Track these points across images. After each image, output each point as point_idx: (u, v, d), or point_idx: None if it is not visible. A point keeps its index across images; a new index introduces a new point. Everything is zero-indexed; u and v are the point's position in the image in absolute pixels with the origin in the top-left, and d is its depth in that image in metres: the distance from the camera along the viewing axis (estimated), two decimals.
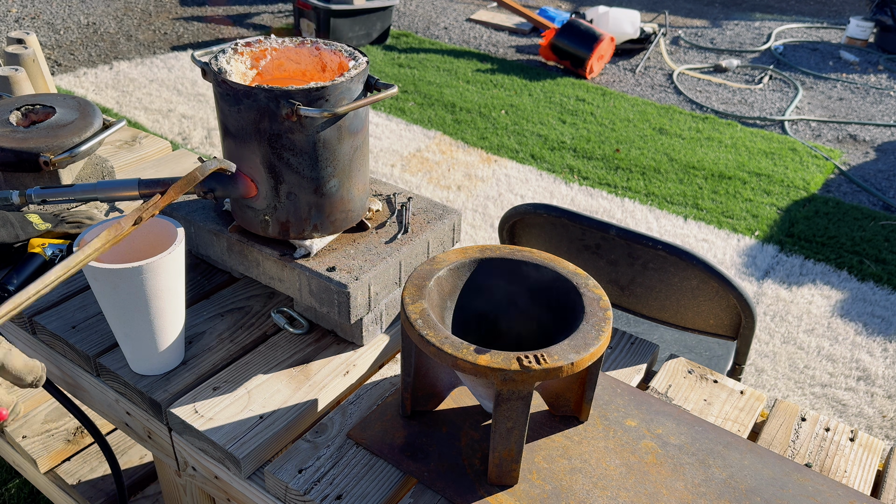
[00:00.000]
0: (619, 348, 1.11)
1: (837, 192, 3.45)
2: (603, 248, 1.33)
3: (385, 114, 4.04)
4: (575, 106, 4.21)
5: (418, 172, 3.45)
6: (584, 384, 0.90)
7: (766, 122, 4.16)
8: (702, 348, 1.58)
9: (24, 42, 1.62)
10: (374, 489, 0.84)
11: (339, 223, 1.01)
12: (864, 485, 0.91)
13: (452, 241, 1.14)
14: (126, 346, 0.93)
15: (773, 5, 6.39)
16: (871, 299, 2.68)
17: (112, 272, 0.83)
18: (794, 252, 2.93)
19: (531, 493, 0.83)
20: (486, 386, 0.82)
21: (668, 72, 4.78)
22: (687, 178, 3.49)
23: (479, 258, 0.90)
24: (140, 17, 5.26)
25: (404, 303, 0.82)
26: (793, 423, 1.00)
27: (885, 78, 4.81)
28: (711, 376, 1.07)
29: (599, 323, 0.80)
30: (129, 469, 1.51)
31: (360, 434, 0.90)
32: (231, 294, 1.13)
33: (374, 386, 0.99)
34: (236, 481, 0.92)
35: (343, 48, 1.00)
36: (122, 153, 1.51)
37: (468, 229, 3.02)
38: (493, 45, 5.17)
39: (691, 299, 1.32)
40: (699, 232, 3.06)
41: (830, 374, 2.34)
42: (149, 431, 1.01)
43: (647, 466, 0.87)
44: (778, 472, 0.88)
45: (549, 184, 3.40)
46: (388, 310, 1.07)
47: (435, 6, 5.95)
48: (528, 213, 1.37)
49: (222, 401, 0.93)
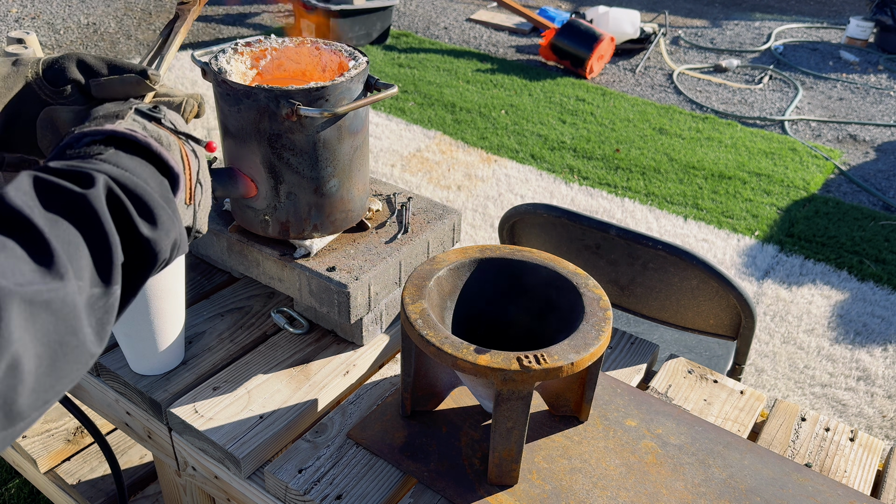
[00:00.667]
0: (619, 348, 1.11)
1: (837, 192, 3.45)
2: (603, 248, 1.33)
3: (385, 114, 4.04)
4: (575, 106, 4.22)
5: (418, 172, 3.45)
6: (584, 384, 0.90)
7: (766, 122, 4.16)
8: (702, 348, 1.58)
9: (24, 42, 1.62)
10: (374, 489, 0.84)
11: (339, 223, 1.01)
12: (864, 485, 0.91)
13: (452, 241, 1.14)
14: (126, 346, 0.93)
15: (773, 5, 6.39)
16: (871, 299, 2.68)
17: None
18: (794, 252, 2.93)
19: (531, 493, 0.83)
20: (486, 386, 0.82)
21: (668, 72, 4.78)
22: (687, 178, 3.49)
23: (479, 258, 0.90)
24: (140, 16, 5.26)
25: (404, 303, 0.82)
26: (793, 423, 1.00)
27: (885, 78, 4.81)
28: (711, 376, 1.07)
29: (599, 323, 0.80)
30: (129, 469, 1.51)
31: (360, 434, 0.90)
32: (231, 294, 1.13)
33: (374, 386, 0.99)
34: (236, 481, 0.92)
35: (343, 48, 1.00)
36: None
37: (468, 229, 3.02)
38: (493, 45, 5.18)
39: (691, 299, 1.32)
40: (699, 232, 3.06)
41: (830, 374, 2.34)
42: (149, 431, 1.01)
43: (647, 466, 0.87)
44: (778, 472, 0.88)
45: (549, 184, 3.40)
46: (388, 310, 1.07)
47: (435, 6, 5.95)
48: (528, 213, 1.37)
49: (222, 401, 0.93)
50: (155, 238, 0.54)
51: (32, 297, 0.45)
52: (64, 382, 0.48)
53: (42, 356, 0.46)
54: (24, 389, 0.45)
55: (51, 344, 0.46)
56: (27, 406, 0.46)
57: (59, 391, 0.48)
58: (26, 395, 0.45)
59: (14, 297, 0.43)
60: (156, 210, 0.54)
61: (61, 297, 0.46)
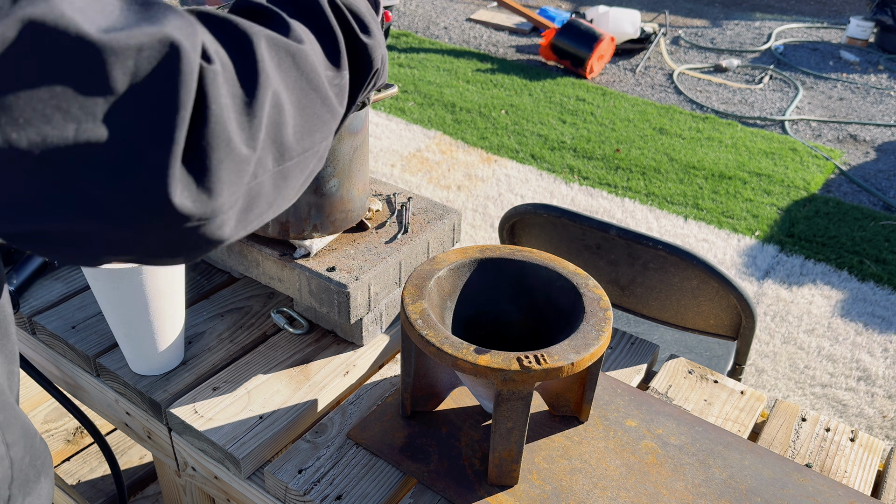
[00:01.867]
0: (619, 348, 1.10)
1: (838, 192, 3.44)
2: (603, 248, 1.33)
3: (385, 114, 4.04)
4: (575, 106, 4.21)
5: (418, 172, 3.45)
6: (584, 384, 0.90)
7: (767, 122, 4.16)
8: (702, 348, 1.58)
9: None
10: (374, 489, 0.84)
11: (339, 223, 1.01)
12: (865, 485, 0.91)
13: (452, 241, 1.14)
14: (126, 346, 0.93)
15: (774, 5, 6.39)
16: (871, 299, 2.68)
17: (112, 272, 0.83)
18: (795, 252, 2.93)
19: (531, 493, 0.83)
20: (486, 386, 0.82)
21: (668, 72, 4.78)
22: (687, 178, 3.49)
23: (479, 258, 0.89)
24: None
25: (404, 303, 0.82)
26: (793, 423, 1.00)
27: (885, 78, 4.81)
28: (712, 376, 1.07)
29: (599, 323, 0.80)
30: (129, 469, 1.51)
31: (360, 434, 0.90)
32: (231, 294, 1.13)
33: (374, 386, 0.99)
34: (236, 481, 0.92)
35: None
36: None
37: (468, 229, 3.02)
38: (493, 45, 5.18)
39: (692, 299, 1.31)
40: (699, 232, 3.06)
41: (831, 375, 2.34)
42: (148, 431, 1.01)
43: (648, 467, 0.87)
44: (778, 472, 0.88)
45: (549, 184, 3.40)
46: (388, 310, 1.07)
47: (435, 6, 5.95)
48: (528, 213, 1.37)
49: (222, 401, 0.93)
50: (371, 45, 0.61)
51: (276, 41, 0.50)
52: (316, 136, 0.54)
53: (293, 102, 0.51)
54: (287, 127, 0.50)
55: (299, 91, 0.52)
56: (293, 144, 0.51)
57: (312, 144, 0.54)
58: (290, 133, 0.51)
59: (260, 36, 0.48)
60: (368, 22, 0.61)
61: (303, 53, 0.52)
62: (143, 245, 0.45)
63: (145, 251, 0.46)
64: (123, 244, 0.45)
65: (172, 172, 0.41)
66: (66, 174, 0.39)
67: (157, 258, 0.48)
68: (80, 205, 0.40)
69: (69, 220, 0.41)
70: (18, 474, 0.55)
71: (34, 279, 1.12)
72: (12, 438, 0.54)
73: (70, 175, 0.39)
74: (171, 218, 0.42)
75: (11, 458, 0.54)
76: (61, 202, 0.40)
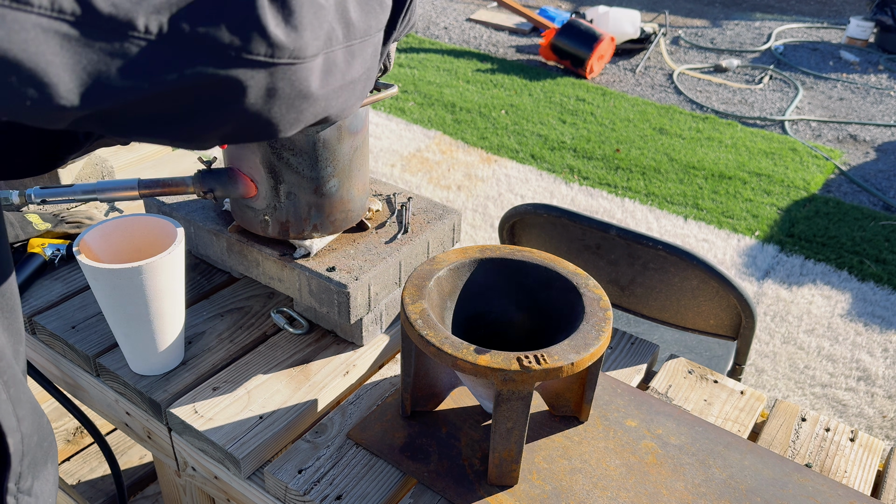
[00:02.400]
0: (619, 348, 1.10)
1: (838, 192, 3.45)
2: (603, 248, 1.33)
3: (385, 114, 4.04)
4: (575, 106, 4.21)
5: (418, 172, 3.45)
6: (584, 384, 0.90)
7: (767, 122, 4.16)
8: (702, 348, 1.58)
9: None
10: (374, 489, 0.84)
11: (338, 223, 1.01)
12: (865, 485, 0.91)
13: (452, 241, 1.14)
14: (126, 346, 0.93)
15: (773, 5, 6.39)
16: (871, 299, 2.68)
17: (112, 272, 0.83)
18: (795, 252, 2.93)
19: (531, 493, 0.83)
20: (486, 386, 0.82)
21: (668, 72, 4.78)
22: (687, 178, 3.49)
23: (479, 258, 0.89)
24: None
25: (404, 303, 0.82)
26: (793, 423, 1.00)
27: (885, 78, 4.81)
28: (711, 376, 1.07)
29: (599, 323, 0.80)
30: (129, 469, 1.51)
31: (360, 434, 0.90)
32: (231, 294, 1.13)
33: (374, 386, 0.99)
34: (236, 481, 0.92)
35: None
36: (122, 153, 1.51)
37: (468, 229, 3.02)
38: (493, 45, 5.18)
39: (691, 299, 1.31)
40: (699, 232, 3.06)
41: (831, 375, 2.34)
42: (148, 432, 1.01)
43: (648, 467, 0.87)
44: (778, 472, 0.88)
45: (549, 184, 3.40)
46: (388, 310, 1.07)
47: (435, 6, 5.95)
48: (528, 213, 1.37)
49: (222, 401, 0.93)
50: None
51: None
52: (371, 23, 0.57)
53: None
54: (350, 4, 0.54)
55: None
56: (356, 22, 0.55)
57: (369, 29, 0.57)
58: (353, 11, 0.54)
59: None
60: None
61: None
62: (244, 100, 0.48)
63: (245, 111, 0.49)
64: (228, 104, 0.48)
65: (262, 3, 0.46)
66: (178, 22, 0.43)
67: (256, 122, 0.51)
68: (187, 53, 0.44)
69: (180, 70, 0.44)
70: (28, 450, 0.56)
71: (34, 279, 1.12)
72: (22, 413, 0.55)
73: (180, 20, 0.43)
74: (268, 47, 0.46)
75: (22, 433, 0.55)
76: (173, 56, 0.43)
